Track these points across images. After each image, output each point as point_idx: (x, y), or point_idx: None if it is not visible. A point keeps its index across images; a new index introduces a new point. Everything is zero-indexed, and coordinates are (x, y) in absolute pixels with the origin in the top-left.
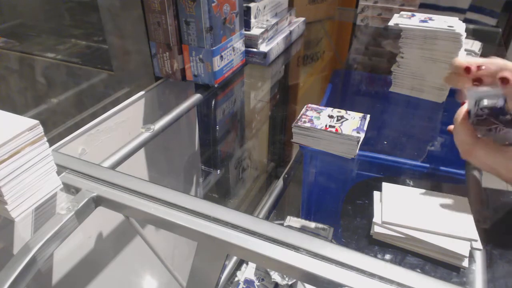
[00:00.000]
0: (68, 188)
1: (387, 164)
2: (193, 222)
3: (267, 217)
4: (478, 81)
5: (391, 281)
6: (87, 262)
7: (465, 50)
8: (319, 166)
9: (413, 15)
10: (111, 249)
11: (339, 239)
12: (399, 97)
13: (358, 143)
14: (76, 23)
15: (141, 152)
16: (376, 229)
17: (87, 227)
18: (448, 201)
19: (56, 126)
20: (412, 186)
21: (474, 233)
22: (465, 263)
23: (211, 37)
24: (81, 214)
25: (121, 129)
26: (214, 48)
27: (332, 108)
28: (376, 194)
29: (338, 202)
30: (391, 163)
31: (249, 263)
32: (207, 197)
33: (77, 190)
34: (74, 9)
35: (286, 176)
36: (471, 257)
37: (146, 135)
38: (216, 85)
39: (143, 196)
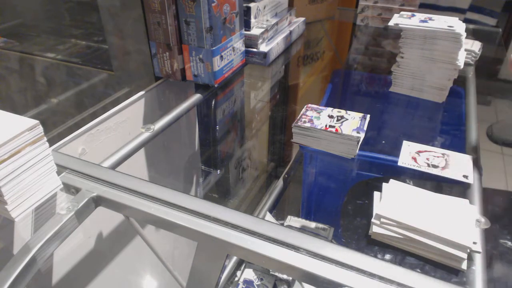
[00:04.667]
0: (68, 188)
1: (387, 164)
2: (193, 222)
3: None
4: None
5: (391, 281)
6: (87, 262)
7: (465, 50)
8: (319, 166)
9: (413, 15)
10: (111, 249)
11: (339, 239)
12: (399, 97)
13: (358, 143)
14: (76, 23)
15: (141, 152)
16: (375, 229)
17: (87, 227)
18: (448, 202)
19: (56, 126)
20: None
21: (474, 237)
22: (464, 265)
23: (211, 37)
24: (81, 214)
25: (121, 129)
26: (214, 48)
27: (332, 108)
28: (376, 194)
29: (338, 202)
30: (391, 163)
31: (249, 263)
32: (207, 197)
33: (77, 190)
34: (74, 9)
35: (286, 176)
36: (470, 259)
37: (146, 135)
38: (216, 85)
39: (143, 196)
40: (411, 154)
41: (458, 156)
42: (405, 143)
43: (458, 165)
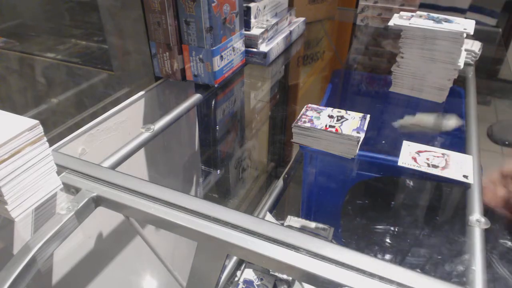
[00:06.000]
0: (68, 188)
1: (387, 164)
2: (193, 222)
3: None
4: None
5: (391, 281)
6: (87, 262)
7: (465, 50)
8: (319, 166)
9: (412, 15)
10: (111, 249)
11: (339, 239)
12: (399, 97)
13: (358, 143)
14: (76, 23)
15: (141, 152)
16: None
17: (87, 227)
18: None
19: (56, 126)
20: (412, 186)
21: None
22: None
23: (211, 37)
24: (81, 214)
25: (121, 129)
26: (214, 48)
27: (332, 108)
28: None
29: (338, 202)
30: (391, 163)
31: (249, 263)
32: (207, 197)
33: (77, 190)
34: (74, 9)
35: (286, 176)
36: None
37: (146, 135)
38: (216, 85)
39: (143, 196)
40: (411, 154)
41: (458, 156)
42: (405, 143)
43: (458, 165)
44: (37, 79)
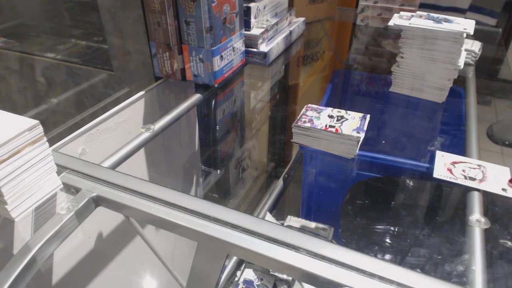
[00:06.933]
0: (68, 188)
1: (387, 164)
2: (193, 222)
3: None
4: None
5: (391, 281)
6: (87, 262)
7: (465, 50)
8: (319, 166)
9: (412, 15)
10: (111, 249)
11: (339, 239)
12: (399, 97)
13: (358, 143)
14: (76, 23)
15: (141, 152)
16: None
17: (87, 227)
18: None
19: (56, 126)
20: (412, 186)
21: None
22: None
23: (211, 37)
24: (81, 214)
25: (121, 129)
26: (214, 48)
27: (332, 108)
28: None
29: (338, 202)
30: (391, 163)
31: (249, 263)
32: (207, 197)
33: (77, 190)
34: (74, 9)
35: (286, 176)
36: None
37: (146, 135)
38: (216, 85)
39: (143, 196)
40: (446, 165)
41: (495, 167)
42: (439, 154)
43: (495, 178)
44: (37, 79)
